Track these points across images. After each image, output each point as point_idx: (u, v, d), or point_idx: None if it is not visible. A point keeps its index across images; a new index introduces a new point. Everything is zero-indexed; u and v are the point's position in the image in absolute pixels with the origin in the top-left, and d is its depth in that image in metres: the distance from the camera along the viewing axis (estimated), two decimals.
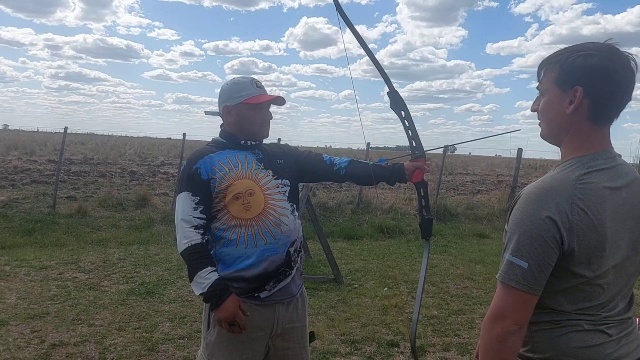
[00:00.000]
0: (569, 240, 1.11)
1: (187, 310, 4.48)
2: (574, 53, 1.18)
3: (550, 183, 1.16)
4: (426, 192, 2.14)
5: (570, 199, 1.12)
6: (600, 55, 1.15)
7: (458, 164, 29.72)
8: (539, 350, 1.21)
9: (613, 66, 1.14)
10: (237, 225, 1.89)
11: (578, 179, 1.14)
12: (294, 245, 1.98)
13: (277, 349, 2.01)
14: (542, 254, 1.12)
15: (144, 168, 18.07)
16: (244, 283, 1.91)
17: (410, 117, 2.09)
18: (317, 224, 5.85)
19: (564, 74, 1.19)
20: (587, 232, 1.12)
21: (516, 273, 1.13)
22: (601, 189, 1.14)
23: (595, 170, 1.16)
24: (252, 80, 2.00)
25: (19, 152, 22.07)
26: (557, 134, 1.25)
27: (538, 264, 1.12)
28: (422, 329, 4.16)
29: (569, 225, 1.11)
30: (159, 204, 9.94)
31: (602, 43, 1.17)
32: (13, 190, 10.75)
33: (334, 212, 9.70)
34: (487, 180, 20.62)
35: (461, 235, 8.70)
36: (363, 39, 2.02)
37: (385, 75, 2.06)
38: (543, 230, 1.11)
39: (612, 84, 1.15)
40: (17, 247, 6.72)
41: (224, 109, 1.98)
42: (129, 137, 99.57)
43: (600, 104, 1.17)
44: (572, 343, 1.17)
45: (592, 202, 1.12)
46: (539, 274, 1.13)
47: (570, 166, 1.18)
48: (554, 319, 1.19)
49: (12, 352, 3.50)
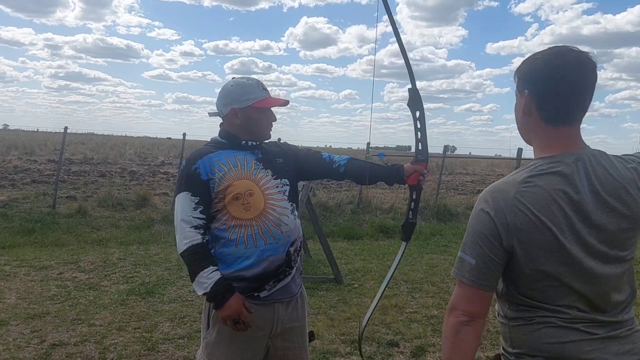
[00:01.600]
0: (507, 238, 1.16)
1: (187, 310, 4.48)
2: (526, 60, 1.26)
3: (497, 184, 1.24)
4: (418, 197, 2.14)
5: (511, 200, 1.17)
6: (542, 59, 1.21)
7: (458, 164, 29.71)
8: (516, 345, 1.25)
9: (554, 69, 1.18)
10: (237, 226, 1.88)
11: (522, 182, 1.19)
12: (294, 245, 1.98)
13: (277, 349, 2.01)
14: (486, 251, 1.18)
15: (144, 168, 18.08)
16: (244, 283, 1.90)
17: (424, 120, 2.07)
18: (317, 224, 5.84)
19: (518, 80, 1.28)
20: (528, 231, 1.15)
21: (465, 269, 1.22)
22: (547, 191, 1.16)
23: (544, 172, 1.18)
24: (257, 83, 2.00)
25: (19, 152, 22.07)
26: (525, 136, 1.32)
27: (484, 260, 1.19)
28: (422, 329, 4.17)
29: (507, 225, 1.16)
30: (159, 204, 9.94)
31: (550, 47, 1.23)
32: (13, 190, 10.75)
33: (334, 212, 9.70)
34: (487, 180, 20.63)
35: (461, 235, 8.65)
36: (399, 33, 1.99)
37: (410, 71, 2.03)
38: (484, 228, 1.19)
39: (554, 86, 1.19)
40: (17, 247, 6.72)
41: (231, 111, 1.97)
42: (129, 137, 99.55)
43: (547, 105, 1.21)
44: (545, 339, 1.19)
45: (533, 203, 1.15)
46: (486, 269, 1.19)
47: (525, 168, 1.23)
48: (528, 315, 1.22)
49: (12, 352, 3.51)
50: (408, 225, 2.13)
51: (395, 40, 2.00)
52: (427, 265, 6.45)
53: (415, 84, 2.04)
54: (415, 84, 2.04)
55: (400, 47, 2.00)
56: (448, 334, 1.24)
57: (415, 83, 2.04)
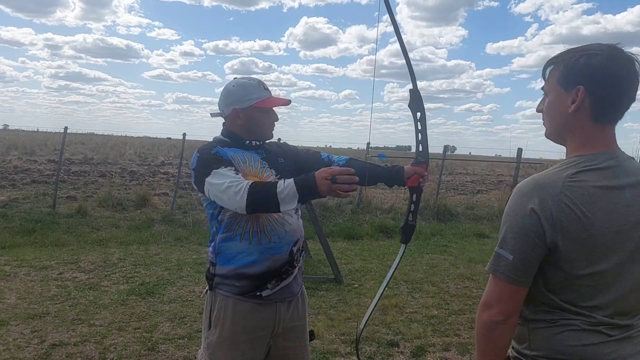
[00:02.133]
0: (552, 234, 1.13)
1: (187, 310, 4.48)
2: (578, 53, 1.19)
3: (540, 179, 1.19)
4: (418, 199, 2.12)
5: (556, 196, 1.13)
6: (602, 55, 1.16)
7: (458, 164, 29.71)
8: (536, 347, 1.22)
9: (615, 66, 1.15)
10: (244, 220, 1.87)
11: (568, 177, 1.15)
12: (297, 245, 1.98)
13: (278, 348, 2.01)
14: (526, 247, 1.15)
15: (144, 168, 18.08)
16: (246, 281, 1.89)
17: (425, 121, 2.04)
18: (317, 224, 5.85)
19: (567, 74, 1.20)
20: (573, 228, 1.13)
21: (502, 264, 1.18)
22: (592, 188, 1.14)
23: (589, 169, 1.16)
24: (259, 83, 1.99)
25: (19, 152, 22.08)
26: (560, 133, 1.27)
27: (522, 256, 1.16)
28: (422, 329, 4.17)
29: (552, 221, 1.13)
30: (159, 204, 9.94)
31: (606, 44, 1.18)
32: (13, 190, 10.75)
33: (334, 212, 9.70)
34: (487, 180, 20.63)
35: (461, 235, 8.70)
36: (400, 34, 1.98)
37: (412, 72, 2.02)
38: (527, 224, 1.15)
39: (614, 83, 1.16)
40: (17, 247, 6.72)
41: (233, 111, 1.96)
42: (129, 137, 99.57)
43: (602, 104, 1.18)
44: (568, 341, 1.18)
45: (580, 200, 1.13)
46: (523, 266, 1.16)
47: (566, 165, 1.20)
48: (550, 317, 1.20)
49: (12, 352, 3.51)
50: (407, 228, 2.12)
51: (395, 40, 1.99)
52: (427, 265, 6.45)
53: (416, 85, 2.03)
54: (416, 85, 2.02)
55: (401, 48, 1.99)
56: (482, 331, 1.22)
57: (416, 84, 2.02)
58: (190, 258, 6.46)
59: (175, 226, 8.33)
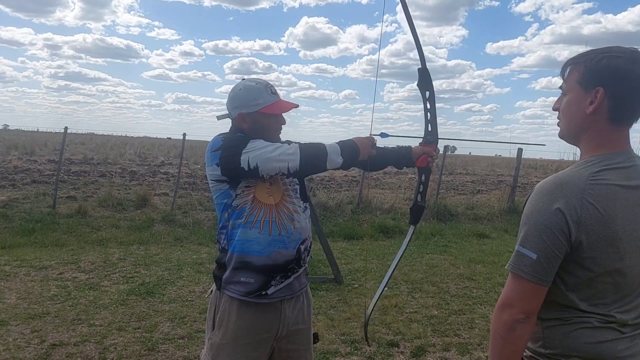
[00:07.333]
0: (577, 232, 1.14)
1: (187, 310, 4.48)
2: (599, 54, 1.20)
3: (562, 178, 1.19)
4: (427, 179, 2.08)
5: (580, 194, 1.14)
6: (624, 58, 1.17)
7: (458, 164, 29.70)
8: (550, 346, 1.23)
9: (637, 69, 1.16)
10: (257, 208, 1.86)
11: (590, 176, 1.16)
12: (304, 244, 1.97)
13: (282, 351, 2.01)
14: (550, 246, 1.15)
15: (144, 168, 18.07)
16: (252, 275, 1.86)
17: (434, 100, 2.01)
18: (317, 224, 5.84)
19: (588, 74, 1.21)
20: (596, 226, 1.14)
21: (525, 263, 1.17)
22: (613, 187, 1.15)
23: (610, 168, 1.17)
24: (266, 86, 1.94)
25: (19, 152, 22.07)
26: (576, 133, 1.27)
27: (546, 255, 1.15)
28: (422, 329, 4.17)
29: (577, 218, 1.13)
30: (159, 204, 9.93)
31: (627, 47, 1.19)
32: (13, 190, 10.74)
33: (334, 212, 9.70)
34: (487, 180, 20.62)
35: (461, 235, 8.70)
36: (411, 17, 1.96)
37: (420, 51, 1.98)
38: (551, 223, 1.14)
39: (634, 87, 1.17)
40: (17, 247, 6.72)
41: (239, 115, 1.94)
42: (129, 137, 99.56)
43: (621, 106, 1.19)
44: (582, 339, 1.19)
45: (602, 198, 1.14)
46: (547, 265, 1.16)
47: (586, 164, 1.20)
48: (564, 315, 1.21)
49: (12, 352, 3.51)
50: (417, 208, 2.09)
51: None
52: (427, 265, 6.45)
53: (425, 64, 1.98)
54: (425, 63, 1.98)
55: (410, 26, 1.94)
56: (501, 331, 1.20)
57: (425, 62, 1.98)
58: (190, 258, 6.46)
59: (175, 226, 8.33)
